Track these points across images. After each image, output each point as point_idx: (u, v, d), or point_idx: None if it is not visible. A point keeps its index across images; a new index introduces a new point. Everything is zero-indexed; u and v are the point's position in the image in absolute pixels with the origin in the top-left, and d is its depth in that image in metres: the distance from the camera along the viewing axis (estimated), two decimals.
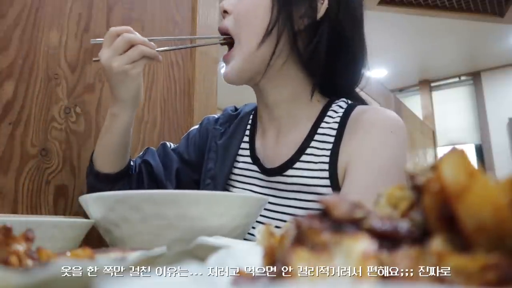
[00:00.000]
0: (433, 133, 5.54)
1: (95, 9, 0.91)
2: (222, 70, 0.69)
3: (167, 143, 0.83)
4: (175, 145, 0.83)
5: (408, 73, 5.54)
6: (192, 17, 1.16)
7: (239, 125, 0.77)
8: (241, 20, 0.64)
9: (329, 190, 0.60)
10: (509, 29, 4.19)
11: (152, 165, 0.76)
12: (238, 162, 0.73)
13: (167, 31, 1.09)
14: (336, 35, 0.64)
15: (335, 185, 0.60)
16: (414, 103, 5.80)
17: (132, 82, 0.63)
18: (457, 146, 0.16)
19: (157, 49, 0.63)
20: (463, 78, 5.61)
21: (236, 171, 0.73)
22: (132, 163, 0.77)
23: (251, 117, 0.78)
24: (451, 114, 5.64)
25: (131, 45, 0.60)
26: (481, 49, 4.81)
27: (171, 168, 0.78)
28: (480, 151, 5.20)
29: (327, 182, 0.60)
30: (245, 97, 0.93)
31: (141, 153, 0.82)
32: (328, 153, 0.62)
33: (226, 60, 0.67)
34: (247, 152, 0.73)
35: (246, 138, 0.75)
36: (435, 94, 5.83)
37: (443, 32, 4.32)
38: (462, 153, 0.15)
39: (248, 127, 0.77)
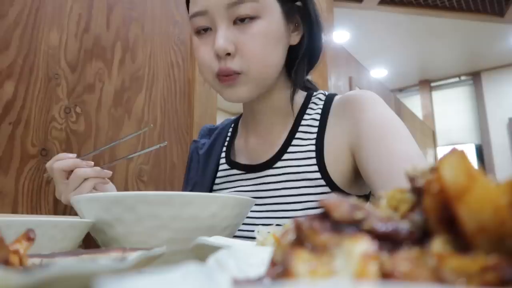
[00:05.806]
0: (433, 133, 5.54)
1: (95, 9, 0.91)
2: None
3: None
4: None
5: (408, 73, 5.54)
6: None
7: (219, 135, 0.81)
8: (253, 59, 0.60)
9: (317, 174, 0.63)
10: (509, 29, 4.19)
11: None
12: (220, 170, 0.76)
13: (167, 31, 1.09)
14: (309, 37, 0.68)
15: (323, 168, 0.63)
16: (414, 103, 5.80)
17: None
18: (457, 146, 0.16)
19: (111, 163, 0.69)
20: (463, 78, 5.62)
21: (218, 180, 0.76)
22: None
23: (230, 129, 0.81)
24: (451, 114, 5.64)
25: (84, 179, 0.65)
26: (481, 49, 4.81)
27: None
28: (480, 151, 5.20)
29: (315, 167, 0.64)
30: None
31: None
32: (314, 141, 0.66)
33: (228, 84, 0.62)
34: (225, 160, 0.76)
35: (225, 149, 0.78)
36: (435, 94, 5.83)
37: (443, 32, 4.33)
38: (462, 154, 0.15)
39: (228, 138, 0.80)
